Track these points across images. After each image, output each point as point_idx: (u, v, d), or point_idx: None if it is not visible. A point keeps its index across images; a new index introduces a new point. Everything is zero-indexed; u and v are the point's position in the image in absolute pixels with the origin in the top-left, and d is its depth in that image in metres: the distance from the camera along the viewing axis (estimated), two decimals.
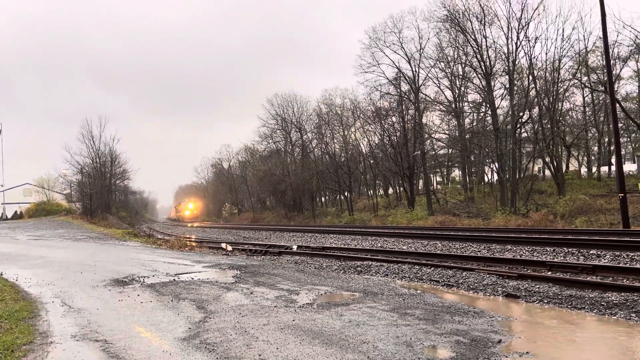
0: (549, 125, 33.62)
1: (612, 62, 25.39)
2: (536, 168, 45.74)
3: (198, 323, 6.58)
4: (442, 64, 40.21)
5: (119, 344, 5.73)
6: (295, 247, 18.42)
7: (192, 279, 10.81)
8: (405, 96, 41.88)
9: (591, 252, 12.23)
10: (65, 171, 59.12)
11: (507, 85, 34.19)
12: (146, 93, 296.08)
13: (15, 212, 64.05)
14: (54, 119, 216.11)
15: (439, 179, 60.94)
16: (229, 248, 20.08)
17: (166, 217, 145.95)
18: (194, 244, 22.85)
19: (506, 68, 33.83)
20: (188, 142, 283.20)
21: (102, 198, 55.71)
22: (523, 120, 34.15)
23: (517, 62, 33.86)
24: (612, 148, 39.38)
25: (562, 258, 11.96)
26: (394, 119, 44.25)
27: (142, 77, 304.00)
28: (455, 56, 39.32)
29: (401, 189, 48.58)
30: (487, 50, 34.39)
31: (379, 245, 18.30)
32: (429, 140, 45.32)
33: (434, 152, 49.93)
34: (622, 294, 7.80)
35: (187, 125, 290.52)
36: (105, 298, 8.78)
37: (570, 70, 35.87)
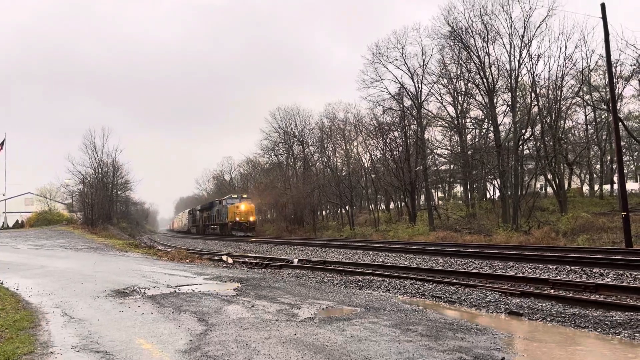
0: (551, 143, 33.68)
1: (614, 80, 25.50)
2: (538, 185, 45.73)
3: (199, 335, 6.55)
4: (445, 80, 40.43)
5: (120, 355, 5.70)
6: (296, 261, 18.37)
7: (193, 291, 10.78)
8: (408, 111, 42.03)
9: (594, 270, 12.18)
10: (68, 181, 59.28)
11: (510, 102, 34.34)
12: (142, 106, 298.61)
13: (17, 221, 64.04)
14: (53, 129, 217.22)
15: (440, 194, 60.91)
16: (230, 260, 20.02)
17: (167, 229, 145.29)
18: (194, 255, 22.79)
19: (509, 85, 34.00)
20: (187, 155, 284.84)
21: (103, 208, 55.77)
22: (525, 138, 34.21)
23: (519, 80, 34.05)
24: (614, 166, 39.40)
25: (564, 276, 11.90)
26: (396, 134, 44.42)
27: (137, 90, 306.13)
28: (458, 72, 39.54)
29: (403, 204, 48.53)
30: (490, 67, 34.60)
31: (381, 260, 18.24)
32: (431, 156, 45.38)
33: (435, 168, 49.94)
34: (626, 313, 7.75)
35: (185, 137, 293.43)
36: (106, 309, 8.75)
37: (572, 88, 36.02)
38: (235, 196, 55.66)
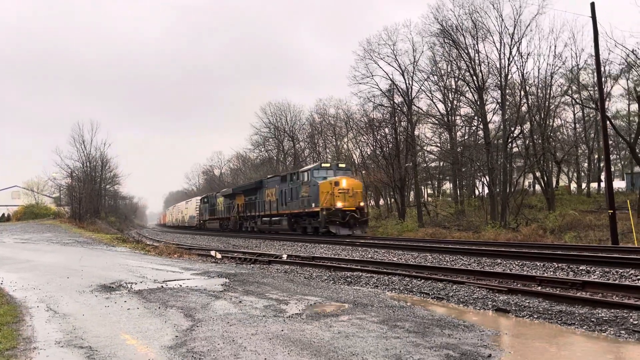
0: (539, 141, 33.90)
1: (603, 79, 25.68)
2: (526, 183, 46.05)
3: (185, 331, 6.49)
4: (435, 77, 40.53)
5: (104, 351, 5.63)
6: (285, 256, 18.33)
7: (180, 286, 10.70)
8: (398, 108, 42.06)
9: (581, 267, 12.26)
10: (55, 174, 58.74)
11: (499, 100, 34.47)
12: (131, 102, 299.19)
13: (3, 214, 63.40)
14: (41, 124, 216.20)
15: (429, 191, 61.12)
16: (218, 256, 19.94)
17: (157, 223, 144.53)
18: (182, 250, 22.68)
19: (498, 83, 34.12)
20: (177, 150, 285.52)
21: (91, 202, 55.32)
22: (514, 135, 34.40)
23: (509, 78, 34.21)
24: (601, 165, 39.79)
25: (551, 273, 11.97)
26: (386, 130, 44.43)
27: (126, 87, 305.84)
28: (449, 70, 39.68)
29: (392, 200, 48.63)
30: (480, 65, 34.72)
31: (369, 256, 18.25)
32: (420, 153, 45.50)
33: (425, 165, 50.09)
34: (612, 310, 7.80)
35: (175, 133, 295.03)
36: (91, 304, 8.65)
37: (561, 86, 36.28)
38: (328, 165, 31.80)
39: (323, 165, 31.58)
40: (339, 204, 28.38)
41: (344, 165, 32.36)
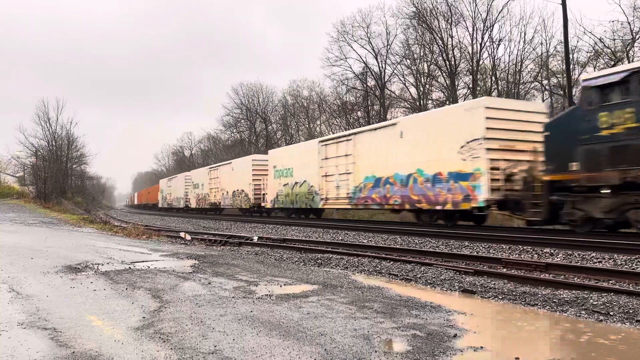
0: None
1: (571, 66, 26.14)
2: None
3: (153, 312, 6.42)
4: (408, 61, 40.68)
5: (69, 332, 5.53)
6: (255, 238, 18.29)
7: (149, 267, 10.57)
8: (371, 91, 42.15)
9: (545, 250, 12.59)
10: (19, 153, 57.04)
11: (471, 85, 34.85)
12: (93, 85, 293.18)
13: None
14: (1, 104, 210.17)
15: None
16: (188, 237, 19.77)
17: (125, 204, 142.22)
18: (151, 232, 22.39)
19: (470, 68, 34.46)
20: (144, 132, 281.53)
21: (57, 182, 54.03)
22: None
23: (481, 63, 34.55)
24: None
25: (517, 255, 12.26)
26: (359, 113, 44.54)
27: (92, 69, 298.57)
28: (422, 54, 39.83)
29: None
30: (453, 50, 34.98)
31: (340, 238, 18.37)
32: None
33: None
34: (573, 291, 8.05)
35: (142, 115, 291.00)
36: (56, 285, 8.48)
37: (531, 72, 36.82)
38: None
39: None
40: None
41: None
